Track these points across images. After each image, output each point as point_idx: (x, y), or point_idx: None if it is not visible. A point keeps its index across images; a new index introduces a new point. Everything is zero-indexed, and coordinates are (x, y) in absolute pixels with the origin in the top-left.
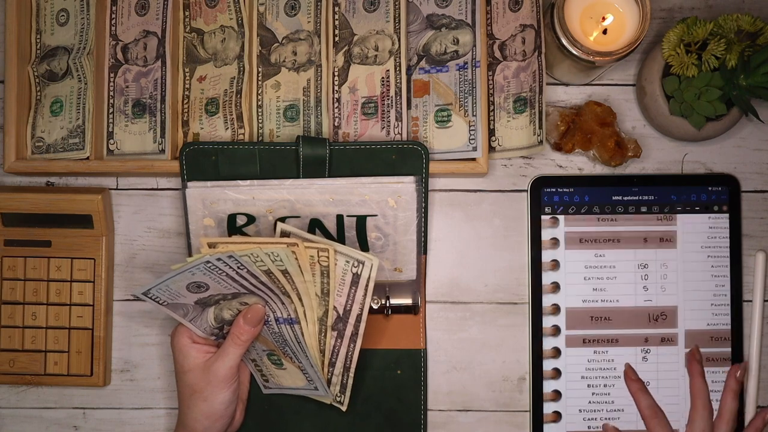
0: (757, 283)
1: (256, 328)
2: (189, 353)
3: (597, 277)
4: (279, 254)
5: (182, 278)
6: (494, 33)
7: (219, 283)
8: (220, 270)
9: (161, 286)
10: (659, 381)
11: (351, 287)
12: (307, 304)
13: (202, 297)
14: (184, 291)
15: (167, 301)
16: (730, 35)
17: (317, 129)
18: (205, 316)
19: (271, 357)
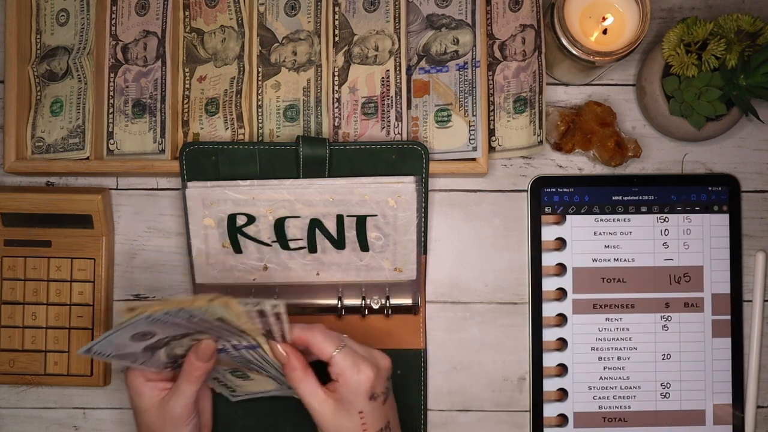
0: (757, 283)
1: (208, 363)
2: (143, 392)
3: (609, 232)
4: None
5: (125, 332)
6: (494, 33)
7: (165, 330)
8: (165, 321)
9: (103, 342)
10: (681, 354)
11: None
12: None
13: (150, 344)
14: (128, 342)
15: (112, 353)
16: (730, 35)
17: (317, 129)
18: (157, 357)
19: (235, 373)
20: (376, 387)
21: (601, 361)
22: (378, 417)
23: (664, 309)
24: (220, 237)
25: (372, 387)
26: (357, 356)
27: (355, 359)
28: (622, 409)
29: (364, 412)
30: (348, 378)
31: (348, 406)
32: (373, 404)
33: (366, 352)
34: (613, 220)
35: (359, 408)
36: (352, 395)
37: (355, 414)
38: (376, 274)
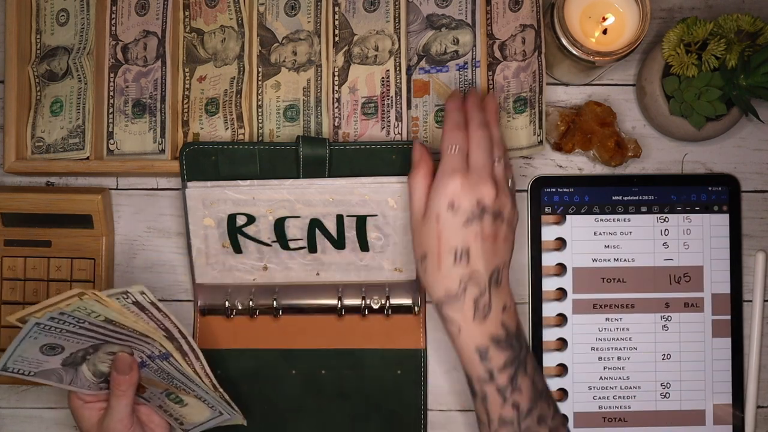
0: (757, 283)
1: (131, 375)
2: (83, 415)
3: (609, 233)
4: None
5: (28, 345)
6: (494, 33)
7: (68, 341)
8: (58, 328)
9: (14, 357)
10: (681, 354)
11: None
12: (158, 337)
13: (65, 357)
14: (41, 356)
15: (33, 371)
16: (730, 35)
17: (317, 129)
18: (81, 375)
19: (170, 396)
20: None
21: (601, 361)
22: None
23: (664, 309)
24: (220, 237)
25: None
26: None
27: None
28: (622, 409)
29: (441, 218)
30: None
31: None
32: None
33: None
34: (613, 220)
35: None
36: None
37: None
38: (376, 274)
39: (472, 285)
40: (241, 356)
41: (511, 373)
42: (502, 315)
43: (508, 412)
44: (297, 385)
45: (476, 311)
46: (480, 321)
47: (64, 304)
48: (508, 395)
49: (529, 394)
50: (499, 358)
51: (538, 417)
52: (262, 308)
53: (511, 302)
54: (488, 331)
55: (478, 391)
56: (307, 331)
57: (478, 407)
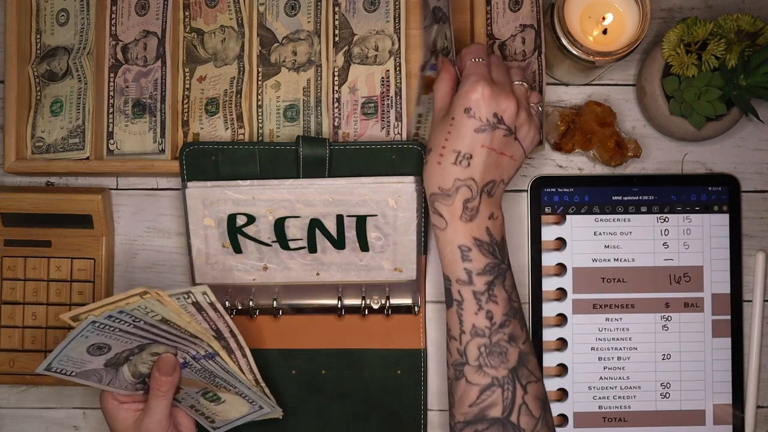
0: (757, 283)
1: (173, 377)
2: (117, 416)
3: (609, 233)
4: (150, 306)
5: (78, 344)
6: (494, 33)
7: (118, 340)
8: (113, 327)
9: (60, 357)
10: (681, 354)
11: (198, 314)
12: (205, 337)
13: (110, 358)
14: (86, 356)
15: (74, 371)
16: (730, 35)
17: (317, 129)
18: (121, 375)
19: (206, 395)
20: (481, 108)
21: (601, 361)
22: (465, 141)
23: (664, 309)
24: (220, 237)
25: (474, 103)
26: (485, 76)
27: (480, 75)
28: (622, 409)
29: (455, 119)
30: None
31: (451, 106)
32: (467, 121)
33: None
34: (613, 220)
35: (452, 114)
36: (457, 97)
37: (448, 118)
38: (376, 274)
39: (464, 188)
40: None
41: (490, 279)
42: (488, 221)
43: (481, 320)
44: (297, 385)
45: (464, 211)
46: (466, 221)
47: (124, 303)
48: (483, 302)
49: (504, 307)
50: (480, 261)
51: (510, 335)
52: (262, 308)
53: (500, 214)
54: (472, 232)
55: (455, 294)
56: (307, 331)
57: (451, 318)
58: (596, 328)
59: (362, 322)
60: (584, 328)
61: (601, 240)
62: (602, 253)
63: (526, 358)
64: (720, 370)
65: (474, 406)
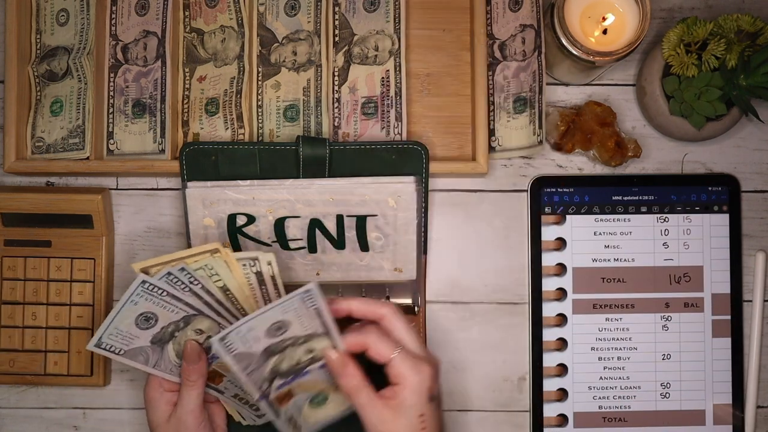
0: (757, 283)
1: (199, 364)
2: (158, 406)
3: (609, 233)
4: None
5: (128, 313)
6: (494, 33)
7: (165, 308)
8: (163, 291)
9: (110, 330)
10: (681, 354)
11: (258, 288)
12: None
13: (156, 333)
14: (134, 330)
15: (123, 349)
16: (730, 35)
17: (317, 129)
18: (166, 356)
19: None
20: (434, 387)
21: (601, 361)
22: (436, 420)
23: (664, 309)
24: (220, 237)
25: (431, 387)
26: (415, 356)
27: (414, 359)
28: (622, 409)
29: (425, 414)
30: (410, 380)
31: (408, 410)
32: (432, 406)
33: (421, 349)
34: (613, 220)
35: (420, 411)
36: (414, 397)
37: (416, 418)
38: (376, 274)
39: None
40: None
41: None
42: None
43: None
44: None
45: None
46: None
47: (193, 260)
48: None
49: None
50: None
51: None
52: None
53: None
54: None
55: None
56: None
57: None
58: (596, 328)
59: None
60: (584, 328)
61: (601, 240)
62: (602, 253)
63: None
64: (720, 370)
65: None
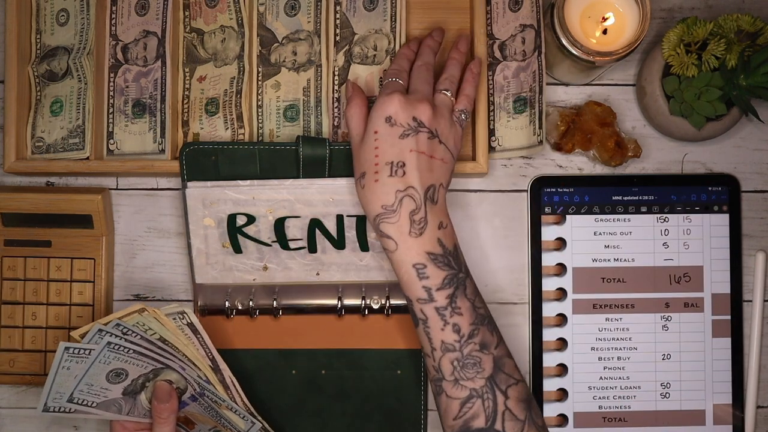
0: (757, 283)
1: (170, 403)
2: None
3: (609, 233)
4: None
5: (98, 370)
6: (494, 33)
7: (133, 364)
8: (125, 347)
9: (81, 387)
10: (681, 353)
11: (195, 336)
12: (201, 365)
13: (127, 385)
14: (105, 384)
15: (95, 402)
16: (730, 35)
17: (317, 129)
18: (139, 403)
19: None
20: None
21: (601, 361)
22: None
23: (664, 309)
24: (220, 237)
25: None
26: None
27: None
28: (622, 409)
29: (379, 131)
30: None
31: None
32: (390, 130)
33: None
34: (613, 220)
35: (374, 128)
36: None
37: (371, 135)
38: (376, 274)
39: (407, 199)
40: (241, 356)
41: (450, 293)
42: (438, 232)
43: (449, 335)
44: (297, 385)
45: (412, 225)
46: (415, 236)
47: (125, 318)
48: (448, 317)
49: (469, 317)
50: (437, 276)
51: (480, 343)
52: (262, 308)
53: (448, 221)
54: (424, 247)
55: (419, 314)
56: (307, 331)
57: (421, 336)
58: (596, 328)
59: (362, 322)
60: (584, 328)
61: (601, 240)
62: (602, 253)
63: (501, 362)
64: (720, 370)
65: (458, 419)
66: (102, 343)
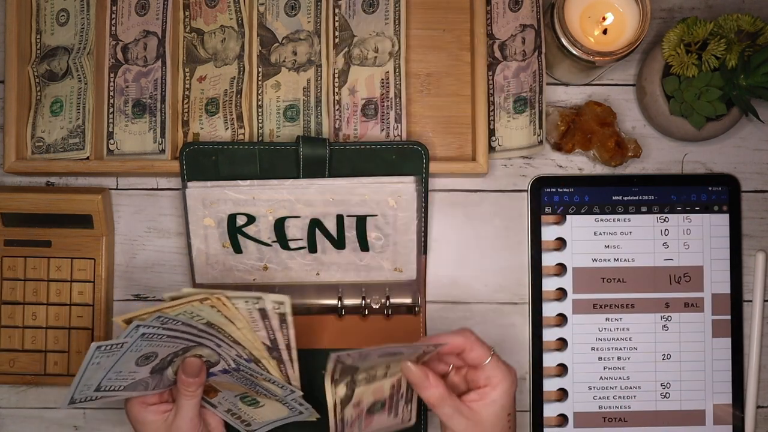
0: (757, 283)
1: (198, 378)
2: (146, 419)
3: (609, 233)
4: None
5: (128, 358)
6: (494, 33)
7: (165, 348)
8: (160, 335)
9: (110, 375)
10: (681, 354)
11: (263, 321)
12: (250, 346)
13: (155, 365)
14: (134, 368)
15: (122, 385)
16: (730, 35)
17: (317, 129)
18: (165, 377)
19: (245, 399)
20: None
21: (601, 361)
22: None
23: (664, 309)
24: (220, 237)
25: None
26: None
27: (504, 363)
28: (622, 409)
29: (512, 414)
30: (502, 382)
31: (500, 411)
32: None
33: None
34: (613, 220)
35: (509, 410)
36: (505, 398)
37: (505, 417)
38: (376, 274)
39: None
40: None
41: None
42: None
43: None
44: None
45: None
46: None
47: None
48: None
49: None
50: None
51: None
52: None
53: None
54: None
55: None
56: (307, 331)
57: None
58: (596, 328)
59: (362, 322)
60: (584, 328)
61: (601, 240)
62: (602, 253)
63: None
64: (720, 370)
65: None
66: (136, 335)
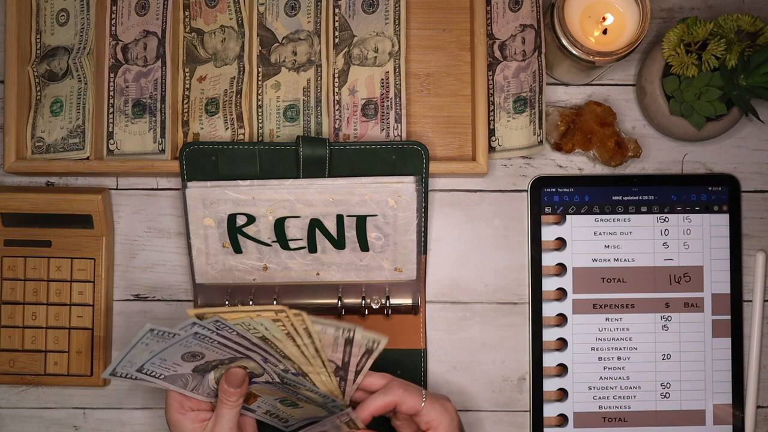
0: (757, 283)
1: (241, 388)
2: (185, 426)
3: (609, 233)
4: (259, 324)
5: (175, 350)
6: (494, 33)
7: (214, 352)
8: (211, 339)
9: (154, 360)
10: (681, 354)
11: (346, 347)
12: (304, 362)
13: (199, 365)
14: (179, 360)
15: (163, 374)
16: (730, 35)
17: (317, 129)
18: (206, 382)
19: (285, 402)
20: (458, 421)
21: (601, 361)
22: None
23: (664, 309)
24: (220, 237)
25: (458, 422)
26: (435, 399)
27: (438, 402)
28: (622, 409)
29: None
30: (444, 423)
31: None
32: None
33: (429, 392)
34: (613, 220)
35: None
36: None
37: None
38: (376, 274)
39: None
40: None
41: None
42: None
43: None
44: None
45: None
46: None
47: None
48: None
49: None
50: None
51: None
52: None
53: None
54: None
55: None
56: None
57: None
58: (596, 328)
59: (362, 323)
60: (584, 328)
61: (601, 240)
62: (602, 253)
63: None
64: (720, 370)
65: None
66: (189, 332)
